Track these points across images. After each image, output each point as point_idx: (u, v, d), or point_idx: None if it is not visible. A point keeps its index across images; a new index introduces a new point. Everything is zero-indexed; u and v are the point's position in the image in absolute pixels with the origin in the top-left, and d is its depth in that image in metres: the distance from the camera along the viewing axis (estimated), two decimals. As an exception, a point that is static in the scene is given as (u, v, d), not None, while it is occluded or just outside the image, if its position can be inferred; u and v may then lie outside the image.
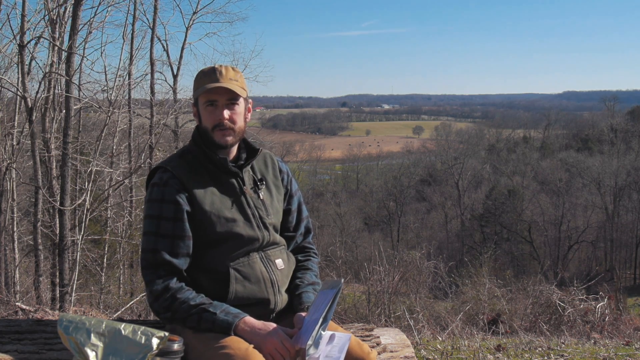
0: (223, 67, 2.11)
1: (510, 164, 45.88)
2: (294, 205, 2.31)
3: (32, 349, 2.16)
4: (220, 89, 2.07)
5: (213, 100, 2.09)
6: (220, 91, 2.07)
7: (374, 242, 20.10)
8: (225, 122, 2.08)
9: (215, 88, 2.06)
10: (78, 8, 8.37)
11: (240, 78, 2.14)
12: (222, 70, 2.09)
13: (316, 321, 1.84)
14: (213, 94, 2.08)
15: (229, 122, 2.09)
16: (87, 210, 9.47)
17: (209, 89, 2.05)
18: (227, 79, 2.08)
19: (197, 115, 2.16)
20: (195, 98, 2.14)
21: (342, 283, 1.93)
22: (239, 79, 2.13)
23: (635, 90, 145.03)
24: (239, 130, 2.13)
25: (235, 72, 2.12)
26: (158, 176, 2.08)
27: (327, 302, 1.86)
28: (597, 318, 7.42)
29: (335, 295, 1.88)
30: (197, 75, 2.15)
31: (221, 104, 2.09)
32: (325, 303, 1.86)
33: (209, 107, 2.09)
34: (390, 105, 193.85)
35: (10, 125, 10.67)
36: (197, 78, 2.14)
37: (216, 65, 2.12)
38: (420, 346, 4.71)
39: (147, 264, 2.01)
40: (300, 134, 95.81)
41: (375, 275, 8.90)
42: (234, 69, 2.13)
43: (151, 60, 14.57)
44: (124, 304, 9.15)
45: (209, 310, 1.93)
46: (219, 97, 2.08)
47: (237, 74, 2.13)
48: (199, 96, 2.10)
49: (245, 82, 2.19)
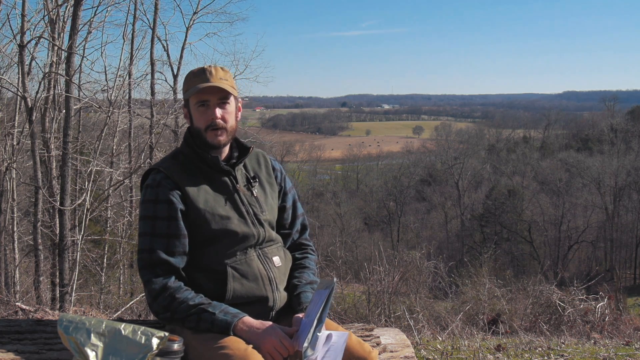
0: (212, 67, 2.12)
1: (510, 164, 45.88)
2: (289, 202, 2.31)
3: (32, 349, 2.16)
4: (211, 89, 2.07)
5: (204, 100, 2.09)
6: (211, 90, 2.08)
7: (374, 242, 20.12)
8: (218, 121, 2.09)
9: (207, 88, 2.06)
10: (78, 8, 8.37)
11: (229, 77, 2.15)
12: (212, 71, 2.10)
13: (311, 322, 1.84)
14: (204, 94, 2.08)
15: (221, 121, 2.10)
16: (87, 210, 9.48)
17: (200, 89, 2.06)
18: (217, 78, 2.09)
19: (189, 116, 2.17)
20: (186, 99, 2.15)
21: (335, 282, 1.93)
22: (228, 78, 2.13)
23: (635, 90, 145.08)
24: (231, 130, 2.14)
25: (224, 72, 2.13)
26: (151, 178, 2.09)
27: (321, 303, 1.86)
28: (597, 318, 7.43)
29: (329, 295, 1.88)
30: (186, 77, 2.16)
31: (213, 104, 2.10)
32: (319, 304, 1.86)
33: (201, 108, 2.10)
34: (390, 105, 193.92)
35: (10, 125, 10.68)
36: (186, 79, 2.15)
37: (205, 66, 2.13)
38: (420, 346, 4.71)
39: (145, 264, 2.01)
40: (300, 134, 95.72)
41: (375, 275, 8.90)
42: (222, 69, 2.14)
43: (151, 60, 14.59)
44: (124, 304, 9.15)
45: (208, 310, 1.93)
46: (210, 96, 2.09)
47: (227, 74, 2.14)
48: (190, 97, 2.11)
49: (234, 82, 2.20)
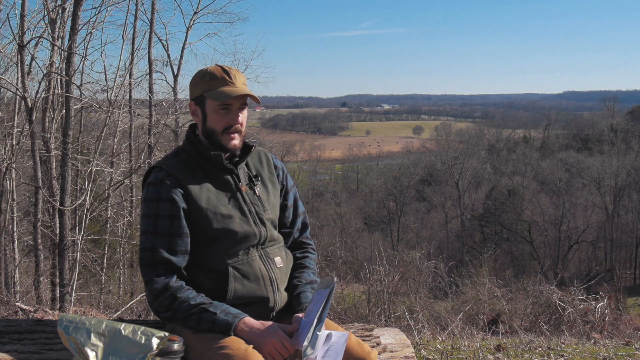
0: (233, 70, 2.11)
1: (510, 164, 45.87)
2: (290, 200, 2.31)
3: (32, 349, 2.16)
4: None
5: (228, 104, 2.09)
6: (240, 96, 2.08)
7: (374, 242, 20.13)
8: (238, 126, 2.10)
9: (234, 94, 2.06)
10: (78, 8, 8.37)
11: (245, 81, 2.16)
12: (235, 74, 2.10)
13: (311, 322, 1.84)
14: (234, 98, 2.07)
15: (240, 126, 2.12)
16: (87, 210, 9.48)
17: (231, 96, 2.05)
18: (240, 83, 2.10)
19: (201, 114, 2.13)
20: (198, 97, 2.12)
21: (335, 282, 1.93)
22: (246, 82, 2.14)
23: (635, 90, 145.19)
24: (245, 133, 2.16)
25: (241, 76, 2.14)
26: (153, 175, 2.09)
27: (321, 302, 1.86)
28: (597, 318, 7.42)
29: (329, 294, 1.88)
30: (203, 75, 2.11)
31: (235, 108, 2.10)
32: (319, 303, 1.86)
33: (222, 110, 2.09)
34: (390, 105, 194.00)
35: (10, 125, 10.67)
36: (205, 78, 2.10)
37: (225, 67, 2.11)
38: (420, 346, 4.71)
39: (146, 262, 2.01)
40: (300, 134, 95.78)
41: (375, 275, 8.91)
42: (239, 72, 2.14)
43: (149, 60, 14.58)
44: (124, 304, 9.15)
45: (209, 310, 1.93)
46: (234, 101, 2.08)
47: (244, 77, 2.15)
48: (211, 98, 2.08)
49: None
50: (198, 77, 2.13)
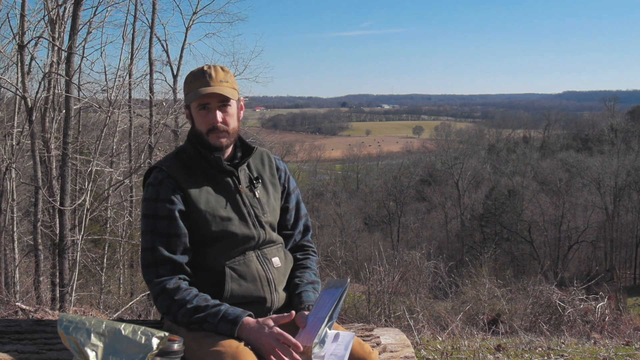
0: (212, 69, 2.09)
1: (510, 164, 45.90)
2: (292, 203, 2.30)
3: (32, 349, 2.16)
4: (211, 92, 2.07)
5: (205, 103, 2.08)
6: (211, 94, 2.06)
7: (374, 242, 20.10)
8: (219, 125, 2.08)
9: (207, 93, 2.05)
10: (78, 8, 8.37)
11: (230, 78, 2.12)
12: (212, 73, 2.08)
13: (322, 319, 1.85)
14: (205, 97, 2.07)
15: (223, 124, 2.08)
16: (87, 210, 9.48)
17: (201, 95, 2.04)
18: (217, 81, 2.07)
19: (190, 118, 2.16)
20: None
21: (349, 283, 1.94)
22: (229, 79, 2.11)
23: (635, 90, 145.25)
24: (233, 131, 2.13)
25: (225, 73, 2.11)
26: (153, 176, 2.09)
27: (333, 301, 1.87)
28: (597, 318, 7.42)
29: (342, 294, 1.89)
30: (186, 78, 2.13)
31: (213, 107, 2.08)
32: (332, 302, 1.87)
33: (202, 111, 2.08)
34: (390, 105, 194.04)
35: (10, 125, 10.68)
36: (186, 81, 2.12)
37: (205, 67, 2.10)
38: (420, 346, 4.71)
39: (147, 262, 2.02)
40: (300, 134, 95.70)
41: (375, 275, 8.92)
42: (223, 69, 2.11)
43: (150, 60, 14.59)
44: (124, 304, 9.16)
45: (208, 321, 1.92)
46: (210, 100, 2.07)
47: (227, 74, 2.11)
48: (186, 101, 2.10)
49: (235, 81, 2.18)
50: (185, 80, 2.14)
